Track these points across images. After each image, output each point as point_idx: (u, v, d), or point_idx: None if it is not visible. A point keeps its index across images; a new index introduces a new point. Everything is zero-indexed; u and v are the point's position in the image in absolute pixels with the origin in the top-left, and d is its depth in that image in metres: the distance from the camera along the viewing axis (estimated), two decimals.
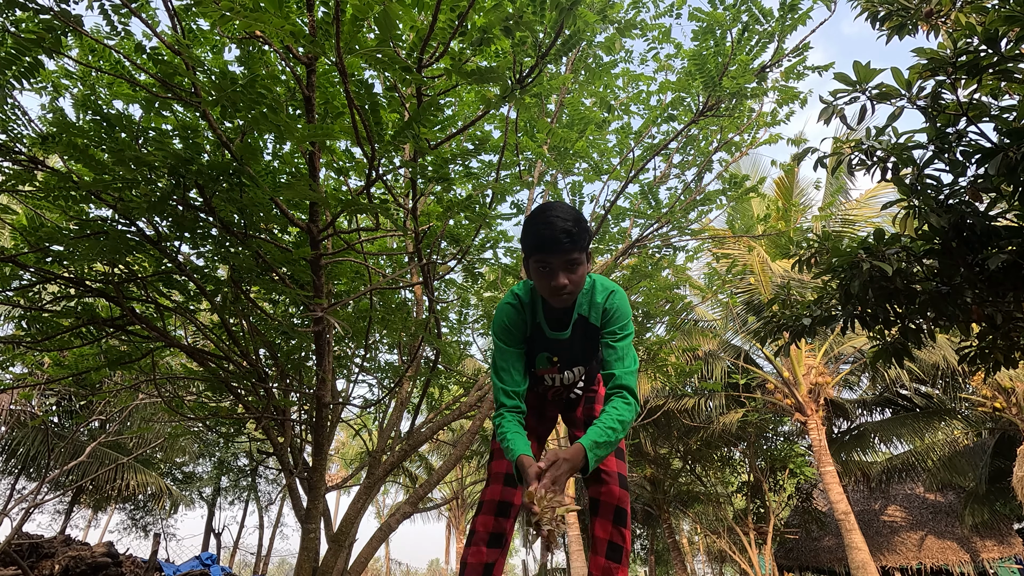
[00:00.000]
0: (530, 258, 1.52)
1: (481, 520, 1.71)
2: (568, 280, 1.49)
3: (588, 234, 1.51)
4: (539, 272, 1.50)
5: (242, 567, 27.99)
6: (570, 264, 1.47)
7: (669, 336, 5.89)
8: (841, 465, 13.58)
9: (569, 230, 1.43)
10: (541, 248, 1.46)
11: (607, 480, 1.69)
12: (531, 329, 1.70)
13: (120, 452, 11.65)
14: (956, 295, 3.14)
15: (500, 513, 1.72)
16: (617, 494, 1.67)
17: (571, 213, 1.47)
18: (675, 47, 4.06)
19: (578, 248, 1.46)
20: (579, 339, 1.70)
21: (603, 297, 1.66)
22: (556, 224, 1.43)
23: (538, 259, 1.48)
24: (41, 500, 6.36)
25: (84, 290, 2.97)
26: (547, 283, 1.50)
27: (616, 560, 1.64)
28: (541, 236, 1.45)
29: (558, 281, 1.48)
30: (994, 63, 2.63)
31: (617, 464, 1.72)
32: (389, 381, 5.08)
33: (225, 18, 1.75)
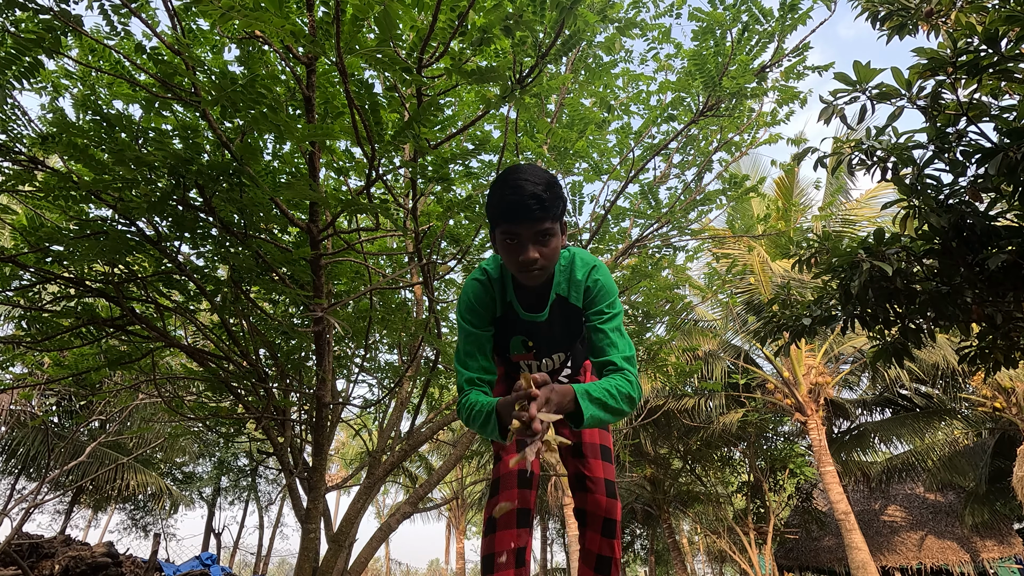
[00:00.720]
0: (496, 228, 1.32)
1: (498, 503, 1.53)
2: (539, 254, 1.29)
3: (562, 201, 1.31)
4: (506, 245, 1.31)
5: (242, 567, 27.99)
6: (541, 235, 1.28)
7: (669, 336, 5.89)
8: (841, 465, 13.59)
9: (539, 195, 1.23)
10: (507, 216, 1.26)
11: (592, 488, 1.57)
12: (502, 309, 1.50)
13: (120, 452, 11.66)
14: (956, 295, 3.14)
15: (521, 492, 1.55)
16: (604, 505, 1.56)
17: (542, 176, 1.27)
18: (675, 47, 4.06)
19: (550, 216, 1.26)
20: (558, 321, 1.51)
21: (584, 273, 1.46)
22: (524, 188, 1.23)
23: (504, 229, 1.28)
24: (41, 500, 6.36)
25: (84, 290, 2.96)
26: (515, 258, 1.30)
27: (605, 573, 1.57)
28: (507, 202, 1.25)
29: (527, 255, 1.28)
30: (994, 63, 2.63)
31: (604, 468, 1.59)
32: (389, 381, 5.08)
33: (225, 17, 1.75)
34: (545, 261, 1.31)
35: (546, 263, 1.32)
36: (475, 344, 1.46)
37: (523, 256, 1.28)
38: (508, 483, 1.53)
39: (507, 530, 1.48)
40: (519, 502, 1.50)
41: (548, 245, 1.30)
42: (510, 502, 1.50)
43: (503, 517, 1.49)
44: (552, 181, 1.28)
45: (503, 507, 1.49)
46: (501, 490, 1.53)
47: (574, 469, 1.61)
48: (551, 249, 1.31)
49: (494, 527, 1.49)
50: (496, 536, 1.49)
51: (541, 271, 1.32)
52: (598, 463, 1.58)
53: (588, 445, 1.62)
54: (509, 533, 1.48)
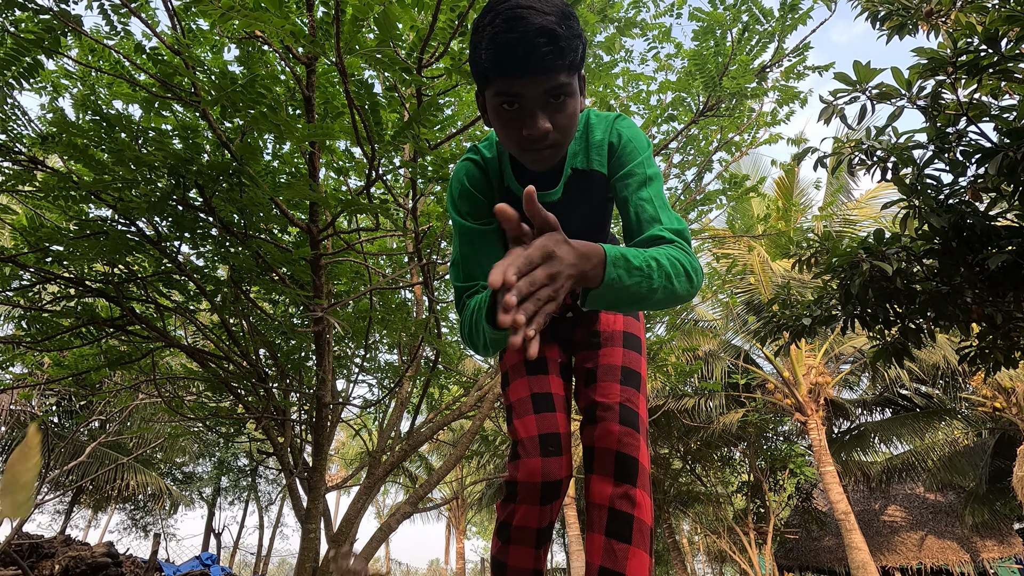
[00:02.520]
0: (486, 89, 0.89)
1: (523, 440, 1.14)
2: (551, 124, 0.88)
3: (581, 42, 0.86)
4: (502, 113, 0.88)
5: (242, 567, 28.00)
6: (554, 94, 0.86)
7: (669, 336, 5.89)
8: (841, 465, 13.59)
9: (551, 30, 0.80)
10: (503, 67, 0.83)
11: (604, 416, 1.14)
12: (499, 198, 1.10)
13: (120, 452, 11.66)
14: (956, 295, 3.14)
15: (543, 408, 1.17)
16: (617, 433, 1.11)
17: (552, 3, 0.83)
18: (675, 47, 4.06)
19: (567, 64, 0.84)
20: (577, 202, 1.10)
21: (604, 130, 1.07)
22: (528, 21, 0.80)
23: (500, 89, 0.86)
24: (41, 500, 6.36)
25: (84, 290, 2.97)
26: (515, 132, 0.89)
27: (622, 537, 1.07)
28: (503, 45, 0.81)
29: (535, 126, 0.87)
30: (994, 63, 2.63)
31: (623, 392, 1.16)
32: (389, 381, 5.08)
33: (225, 17, 1.75)
34: (560, 135, 0.90)
35: (560, 138, 0.91)
36: (476, 244, 1.06)
37: (528, 129, 0.87)
38: (528, 496, 1.14)
39: (524, 547, 1.15)
40: (538, 522, 1.13)
41: (564, 110, 0.88)
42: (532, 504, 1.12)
43: (519, 530, 1.14)
44: (567, 11, 0.85)
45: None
46: (517, 506, 1.14)
47: (585, 401, 1.22)
48: (568, 116, 0.89)
49: (508, 536, 1.16)
50: (511, 550, 1.16)
51: (553, 149, 0.92)
52: (614, 386, 1.17)
53: (605, 368, 1.21)
54: (526, 552, 1.15)
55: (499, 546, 1.19)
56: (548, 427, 1.16)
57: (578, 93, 0.91)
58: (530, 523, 1.13)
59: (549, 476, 1.11)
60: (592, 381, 1.22)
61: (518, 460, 1.15)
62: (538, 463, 1.12)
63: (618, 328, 1.29)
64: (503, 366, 1.31)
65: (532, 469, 1.11)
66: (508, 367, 1.28)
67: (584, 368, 1.27)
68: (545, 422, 1.16)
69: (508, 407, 1.24)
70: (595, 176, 1.08)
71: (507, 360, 1.29)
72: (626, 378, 1.20)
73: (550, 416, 1.17)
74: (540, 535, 1.16)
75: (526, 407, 1.19)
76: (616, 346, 1.26)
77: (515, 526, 1.15)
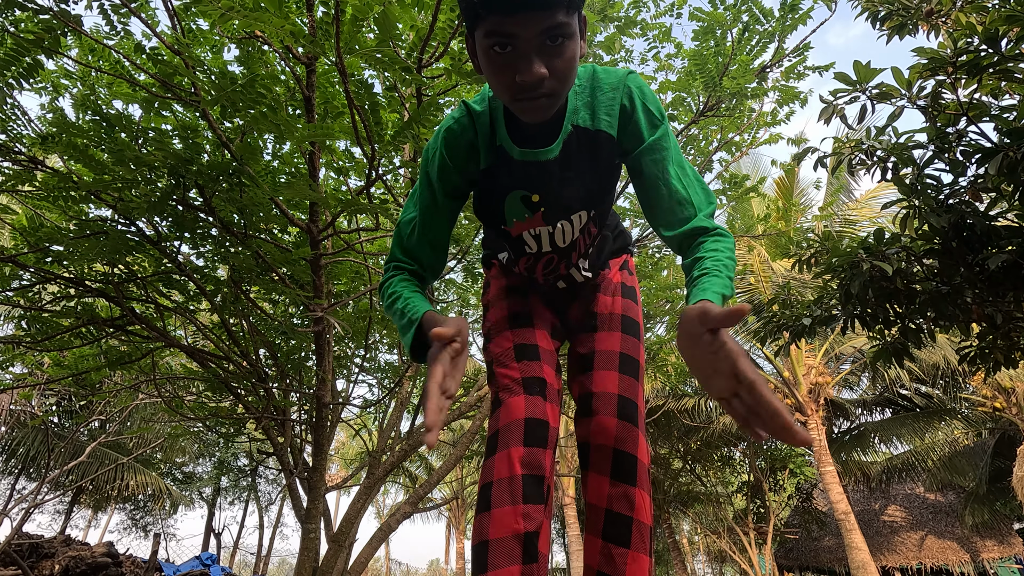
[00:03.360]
0: (476, 29, 0.80)
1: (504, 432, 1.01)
2: (547, 68, 0.79)
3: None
4: (493, 56, 0.80)
5: (242, 567, 27.99)
6: (551, 35, 0.77)
7: (669, 336, 5.89)
8: (841, 465, 13.59)
9: None
10: (495, 3, 0.75)
11: (597, 409, 1.06)
12: (488, 159, 1.00)
13: (120, 452, 11.66)
14: (956, 295, 3.14)
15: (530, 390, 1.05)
16: (615, 429, 1.04)
17: None
18: (675, 47, 4.06)
19: (566, 1, 0.76)
20: (577, 162, 0.99)
21: (614, 87, 0.96)
22: None
23: (492, 28, 0.77)
24: (41, 500, 6.35)
25: (84, 290, 2.97)
26: (508, 77, 0.80)
27: (620, 541, 1.01)
28: None
29: (530, 70, 0.78)
30: (994, 63, 2.63)
31: (620, 383, 1.08)
32: (389, 381, 5.08)
33: (225, 17, 1.75)
34: (557, 82, 0.82)
35: (557, 85, 0.82)
36: (427, 217, 1.02)
37: (522, 74, 0.79)
38: (511, 437, 1.00)
39: (507, 506, 0.96)
40: (523, 467, 0.98)
41: (562, 54, 0.80)
42: (508, 470, 0.98)
43: (500, 488, 0.97)
44: None
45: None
46: (499, 448, 1.01)
47: (580, 390, 1.13)
48: (566, 60, 0.80)
49: (488, 501, 0.97)
50: (492, 515, 0.96)
51: (550, 98, 0.83)
52: (611, 374, 1.09)
53: (602, 354, 1.13)
54: (510, 511, 0.95)
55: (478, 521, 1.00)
56: (532, 372, 1.08)
57: (578, 36, 0.82)
58: (515, 466, 0.99)
59: (534, 414, 1.03)
60: (588, 368, 1.14)
61: (499, 407, 1.05)
62: (521, 400, 1.04)
63: (617, 311, 1.21)
64: (485, 325, 1.21)
65: (514, 406, 1.03)
66: (491, 325, 1.19)
67: (579, 353, 1.19)
68: (530, 368, 1.08)
69: (489, 362, 1.15)
70: (601, 137, 0.97)
71: (490, 318, 1.20)
72: (624, 366, 1.11)
73: (535, 364, 1.09)
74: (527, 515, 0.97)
75: (509, 356, 1.11)
76: (615, 330, 1.18)
77: (497, 480, 0.99)
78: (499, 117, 0.98)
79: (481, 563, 0.94)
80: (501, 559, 0.93)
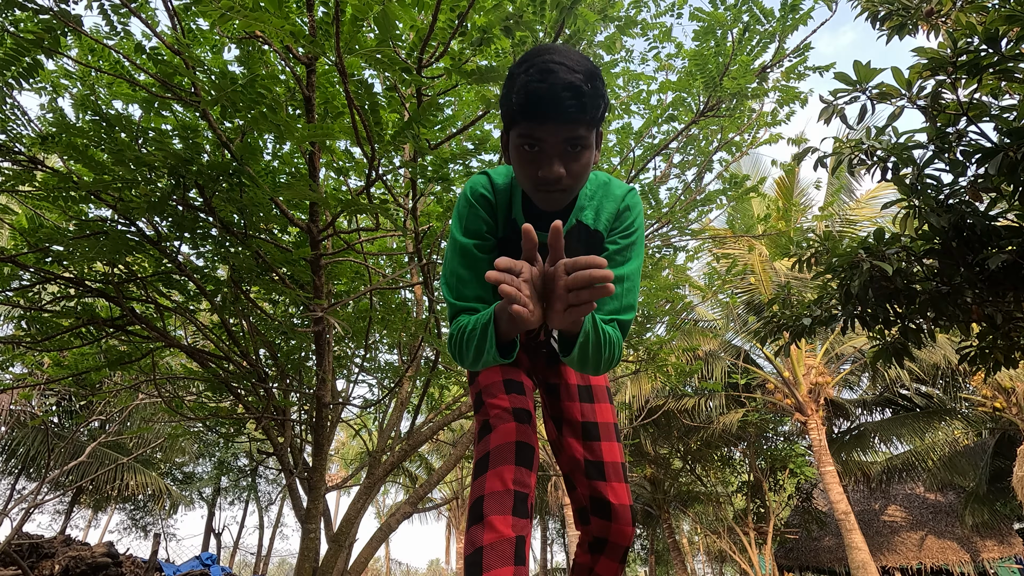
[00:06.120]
0: (511, 129, 0.99)
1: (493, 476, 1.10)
2: (566, 170, 0.97)
3: (603, 100, 0.96)
4: (522, 153, 0.98)
5: (242, 567, 28.00)
6: (572, 144, 0.95)
7: (669, 336, 5.89)
8: (841, 465, 13.59)
9: (576, 87, 0.90)
10: (530, 112, 0.93)
11: (618, 517, 1.25)
12: (504, 229, 1.17)
13: (120, 452, 11.66)
14: (956, 295, 3.14)
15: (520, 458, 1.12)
16: (630, 534, 1.28)
17: (581, 62, 0.93)
18: (676, 47, 4.06)
19: (587, 119, 0.94)
20: (573, 250, 1.15)
21: (617, 200, 1.17)
22: (558, 75, 0.90)
23: (524, 131, 0.95)
24: (41, 500, 6.36)
25: (84, 290, 2.97)
26: (532, 172, 0.98)
27: None
28: (532, 93, 0.91)
29: (550, 169, 0.96)
30: (994, 63, 2.63)
31: (627, 493, 1.31)
32: (389, 381, 5.08)
33: (225, 18, 1.75)
34: (572, 180, 0.99)
35: (572, 183, 1.00)
36: (470, 265, 1.13)
37: (544, 171, 0.97)
38: (504, 457, 1.10)
39: (499, 515, 1.05)
40: (515, 484, 1.08)
41: (579, 159, 0.98)
42: (502, 485, 1.08)
43: (492, 500, 1.06)
44: (594, 72, 0.95)
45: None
46: (491, 466, 1.11)
47: (590, 491, 1.29)
48: (581, 165, 0.99)
49: (481, 513, 1.06)
50: (485, 523, 1.05)
51: (564, 193, 1.01)
52: (623, 488, 1.26)
53: (611, 465, 1.33)
54: (501, 520, 1.05)
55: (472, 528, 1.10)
56: (520, 404, 1.20)
57: (594, 147, 1.00)
58: (507, 482, 1.10)
59: (523, 439, 1.14)
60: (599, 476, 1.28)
61: (489, 432, 1.16)
62: (512, 426, 1.15)
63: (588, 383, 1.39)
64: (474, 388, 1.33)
65: (505, 430, 1.14)
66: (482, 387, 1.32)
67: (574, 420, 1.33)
68: (518, 400, 1.20)
69: (478, 392, 1.27)
70: (597, 236, 1.17)
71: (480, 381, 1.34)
72: (625, 475, 1.29)
73: (522, 398, 1.22)
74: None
75: (499, 388, 1.23)
76: (603, 401, 1.36)
77: (489, 493, 1.09)
78: (517, 197, 1.16)
79: (477, 567, 1.03)
80: (496, 561, 1.02)
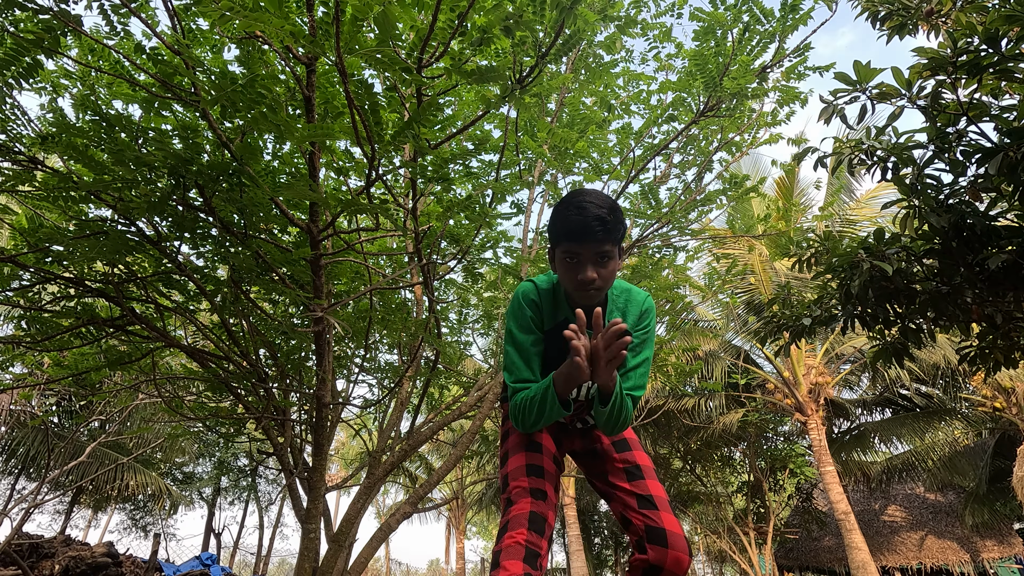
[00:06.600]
0: (557, 247, 1.41)
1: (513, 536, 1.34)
2: (597, 275, 1.36)
3: (623, 225, 1.39)
4: (565, 264, 1.39)
5: (242, 567, 28.00)
6: (601, 257, 1.36)
7: (669, 336, 5.89)
8: (841, 465, 13.59)
9: (603, 218, 1.32)
10: (570, 236, 1.34)
11: (674, 545, 1.39)
12: (549, 322, 1.53)
13: (120, 452, 11.66)
14: (956, 295, 3.14)
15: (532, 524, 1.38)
16: (686, 563, 1.40)
17: (606, 200, 1.36)
18: (676, 47, 4.06)
19: (612, 239, 1.35)
20: None
21: (639, 304, 1.56)
22: (589, 210, 1.32)
23: (566, 248, 1.37)
24: (41, 500, 6.35)
25: (84, 290, 2.96)
26: (573, 276, 1.38)
27: None
28: (571, 222, 1.34)
29: (586, 275, 1.35)
30: (994, 63, 2.63)
31: (679, 525, 1.46)
32: (389, 381, 5.08)
33: (225, 18, 1.75)
34: (602, 282, 1.38)
35: (603, 284, 1.39)
36: (523, 354, 1.49)
37: (582, 275, 1.36)
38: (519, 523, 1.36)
39: (515, 560, 1.29)
40: (527, 543, 1.32)
41: (607, 267, 1.37)
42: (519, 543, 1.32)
43: (509, 551, 1.31)
44: (615, 206, 1.36)
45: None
46: (509, 529, 1.36)
47: (644, 521, 1.47)
48: (609, 271, 1.38)
49: (499, 561, 1.30)
50: (502, 568, 1.28)
51: (597, 292, 1.40)
52: (674, 519, 1.45)
53: (659, 498, 1.51)
54: (517, 563, 1.28)
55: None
56: (538, 485, 1.46)
57: (618, 257, 1.40)
58: (520, 541, 1.34)
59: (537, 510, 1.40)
60: (651, 507, 1.48)
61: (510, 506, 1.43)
62: (527, 502, 1.41)
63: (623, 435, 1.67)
64: (503, 447, 1.61)
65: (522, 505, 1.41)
66: (508, 447, 1.59)
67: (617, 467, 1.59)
68: (536, 482, 1.47)
69: (505, 475, 1.53)
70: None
71: (509, 442, 1.60)
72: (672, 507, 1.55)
73: (541, 480, 1.48)
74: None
75: (521, 472, 1.49)
76: (636, 448, 1.63)
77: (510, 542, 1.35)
78: (562, 297, 1.52)
79: None
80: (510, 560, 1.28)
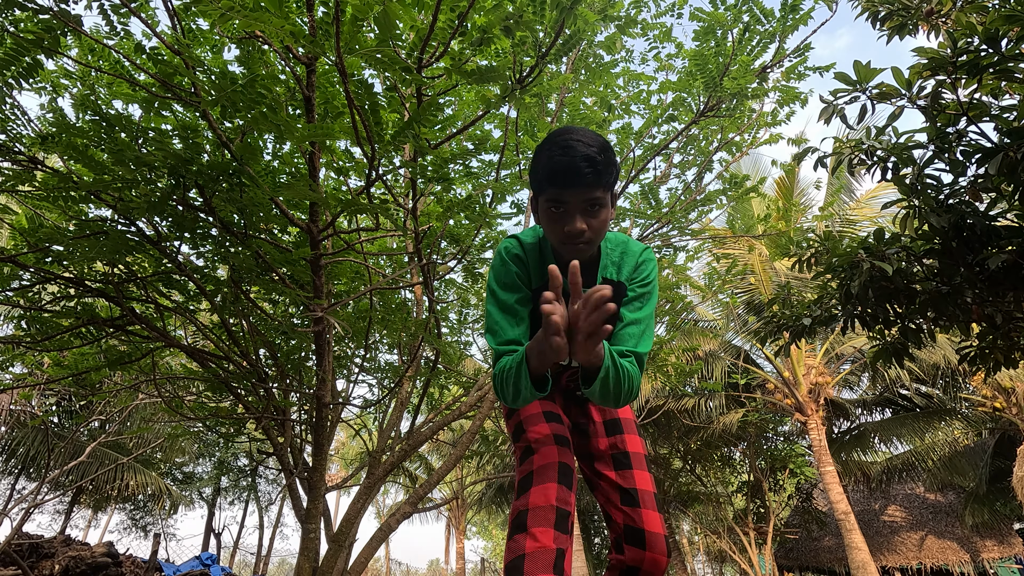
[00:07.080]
0: (540, 195, 1.21)
1: (537, 492, 1.22)
2: (586, 226, 1.17)
3: (615, 168, 1.19)
4: (549, 214, 1.19)
5: (242, 567, 27.99)
6: (591, 204, 1.16)
7: (669, 336, 5.89)
8: (841, 465, 13.58)
9: (592, 158, 1.12)
10: (555, 180, 1.14)
11: (652, 546, 1.30)
12: (536, 280, 1.35)
13: (120, 452, 11.66)
14: (956, 295, 3.14)
15: (562, 476, 1.26)
16: (663, 564, 1.32)
17: (595, 138, 1.16)
18: (676, 47, 4.06)
19: (602, 184, 1.15)
20: None
21: (635, 254, 1.37)
22: (576, 149, 1.12)
23: (550, 196, 1.17)
24: (41, 500, 6.35)
25: (84, 290, 2.96)
26: (559, 228, 1.19)
27: None
28: (556, 164, 1.13)
29: (574, 226, 1.16)
30: (994, 62, 2.62)
31: (661, 522, 1.37)
32: (389, 381, 5.08)
33: (225, 18, 1.75)
34: (592, 234, 1.19)
35: (593, 236, 1.20)
36: (507, 313, 1.29)
37: (569, 227, 1.17)
38: (548, 475, 1.24)
39: (543, 527, 1.17)
40: (558, 501, 1.21)
41: (597, 216, 1.19)
42: (547, 501, 1.20)
43: (536, 514, 1.19)
44: (606, 145, 1.17)
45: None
46: (536, 483, 1.24)
47: (624, 519, 1.39)
48: (600, 221, 1.19)
49: (525, 524, 1.19)
50: (529, 535, 1.17)
51: (587, 245, 1.21)
52: (656, 516, 1.34)
53: (643, 492, 1.41)
54: (545, 531, 1.17)
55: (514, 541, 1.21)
56: (560, 432, 1.34)
57: (609, 205, 1.21)
58: (550, 498, 1.22)
59: (565, 460, 1.28)
60: (633, 503, 1.39)
61: (532, 454, 1.30)
62: (554, 449, 1.29)
63: (617, 416, 1.52)
64: (513, 421, 1.47)
65: (548, 452, 1.28)
66: (522, 418, 1.45)
67: (605, 452, 1.47)
68: (557, 428, 1.35)
69: (519, 423, 1.40)
70: (621, 286, 1.34)
71: (520, 413, 1.47)
72: (657, 505, 1.39)
73: (561, 426, 1.37)
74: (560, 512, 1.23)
75: (539, 418, 1.38)
76: (631, 433, 1.50)
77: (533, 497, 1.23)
78: (548, 252, 1.34)
79: (518, 571, 1.14)
80: (537, 569, 1.13)
